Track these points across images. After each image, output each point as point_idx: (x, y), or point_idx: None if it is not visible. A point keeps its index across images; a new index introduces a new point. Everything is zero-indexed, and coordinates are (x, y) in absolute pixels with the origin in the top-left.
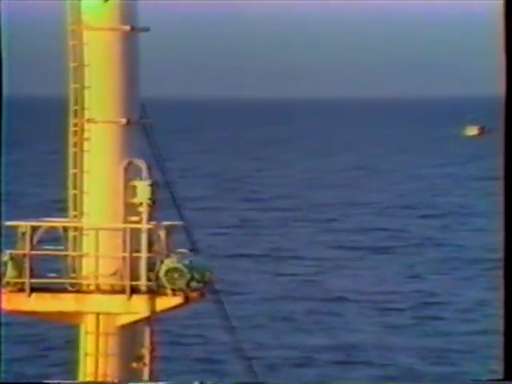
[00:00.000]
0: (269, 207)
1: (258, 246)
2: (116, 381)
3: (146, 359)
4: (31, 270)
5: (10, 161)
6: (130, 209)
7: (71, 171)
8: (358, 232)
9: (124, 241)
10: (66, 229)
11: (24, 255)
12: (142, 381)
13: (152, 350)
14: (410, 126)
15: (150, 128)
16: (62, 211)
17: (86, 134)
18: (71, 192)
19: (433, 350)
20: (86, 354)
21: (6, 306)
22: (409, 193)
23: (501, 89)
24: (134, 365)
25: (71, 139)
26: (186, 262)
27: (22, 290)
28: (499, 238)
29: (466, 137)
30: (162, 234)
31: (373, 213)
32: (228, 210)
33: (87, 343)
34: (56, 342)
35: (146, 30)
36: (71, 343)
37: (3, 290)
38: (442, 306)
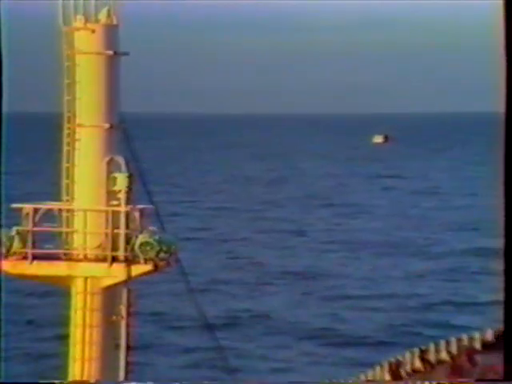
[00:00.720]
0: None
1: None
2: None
3: (123, 313)
4: (33, 243)
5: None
6: (111, 195)
7: (64, 165)
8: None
9: (106, 220)
10: (60, 210)
11: (27, 231)
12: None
13: (128, 306)
14: (332, 137)
15: (127, 132)
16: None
17: (76, 136)
18: (64, 181)
19: None
20: (75, 310)
21: (12, 271)
22: (322, 188)
23: (412, 107)
24: (114, 318)
25: (65, 140)
26: (156, 237)
27: (25, 258)
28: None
29: (373, 144)
30: (137, 215)
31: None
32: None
33: (77, 301)
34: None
35: (126, 54)
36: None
37: (10, 259)
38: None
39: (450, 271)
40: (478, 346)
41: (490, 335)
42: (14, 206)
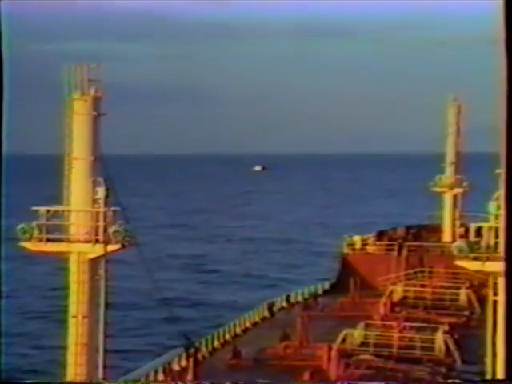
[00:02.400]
0: None
1: None
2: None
3: (102, 274)
4: (46, 231)
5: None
6: (95, 201)
7: (65, 183)
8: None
9: (91, 217)
10: (63, 211)
11: (43, 224)
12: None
13: (105, 271)
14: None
15: (105, 162)
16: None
17: (73, 165)
18: (65, 192)
19: None
20: (72, 273)
21: (33, 249)
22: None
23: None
24: (97, 277)
25: (65, 167)
26: (122, 227)
27: (41, 240)
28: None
29: (253, 172)
30: (111, 214)
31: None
32: None
33: (73, 267)
34: None
35: (105, 114)
36: None
37: (32, 241)
38: None
39: None
40: (319, 292)
41: (327, 285)
42: (34, 208)
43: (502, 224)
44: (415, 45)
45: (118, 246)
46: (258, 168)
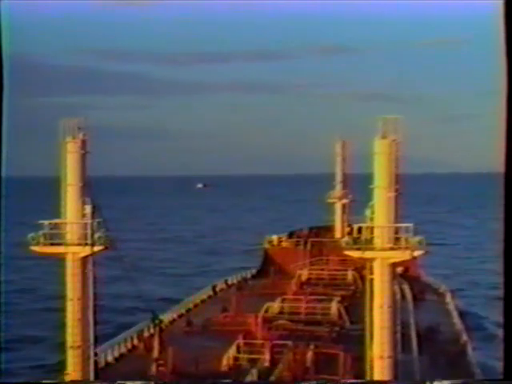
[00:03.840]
0: None
1: None
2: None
3: (90, 267)
4: (51, 238)
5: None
6: (84, 215)
7: (62, 203)
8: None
9: (82, 227)
10: (61, 223)
11: (46, 233)
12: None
13: (94, 264)
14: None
15: (91, 187)
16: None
17: (67, 189)
18: (62, 209)
19: None
20: (69, 268)
21: (39, 251)
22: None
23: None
24: (86, 270)
25: (62, 191)
26: (105, 234)
27: (45, 245)
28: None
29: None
30: (96, 224)
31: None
32: None
33: (69, 263)
34: None
35: (89, 152)
36: None
37: (38, 246)
38: None
39: None
40: (249, 276)
41: (254, 271)
42: (40, 222)
43: (376, 223)
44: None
45: (101, 248)
46: (200, 185)
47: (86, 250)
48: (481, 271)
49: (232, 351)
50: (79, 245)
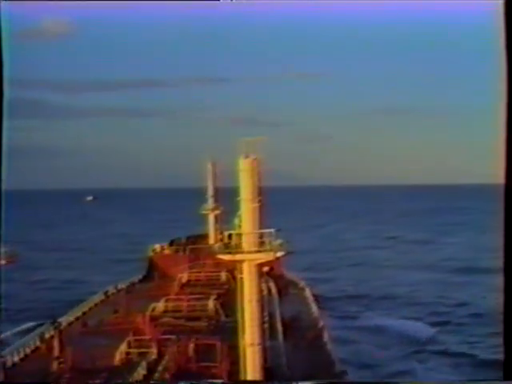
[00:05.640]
0: None
1: None
2: None
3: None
4: None
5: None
6: None
7: None
8: None
9: None
10: None
11: None
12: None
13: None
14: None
15: None
16: None
17: None
18: None
19: None
20: None
21: None
22: None
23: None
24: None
25: None
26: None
27: None
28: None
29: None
30: None
31: None
32: None
33: None
34: None
35: None
36: None
37: None
38: None
39: None
40: (136, 281)
41: (141, 276)
42: None
43: (244, 230)
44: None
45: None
46: (89, 198)
47: None
48: None
49: (123, 347)
50: None
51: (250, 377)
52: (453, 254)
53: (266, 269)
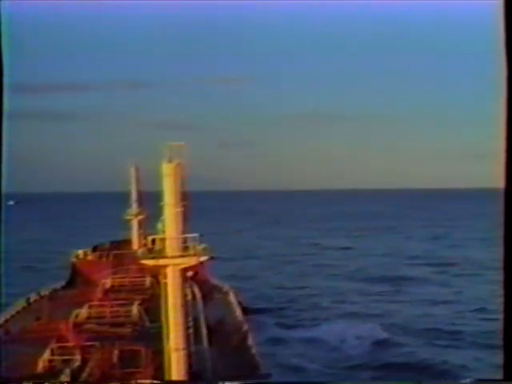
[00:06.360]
0: None
1: None
2: None
3: None
4: None
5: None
6: None
7: None
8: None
9: None
10: None
11: None
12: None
13: None
14: None
15: None
16: None
17: None
18: None
19: None
20: None
21: None
22: None
23: None
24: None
25: None
26: None
27: None
28: None
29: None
30: None
31: None
32: None
33: None
34: None
35: None
36: None
37: None
38: None
39: None
40: (59, 287)
41: (63, 283)
42: None
43: (167, 234)
44: None
45: None
46: (11, 202)
47: None
48: None
49: (47, 354)
50: None
51: None
52: (373, 260)
53: (190, 273)
